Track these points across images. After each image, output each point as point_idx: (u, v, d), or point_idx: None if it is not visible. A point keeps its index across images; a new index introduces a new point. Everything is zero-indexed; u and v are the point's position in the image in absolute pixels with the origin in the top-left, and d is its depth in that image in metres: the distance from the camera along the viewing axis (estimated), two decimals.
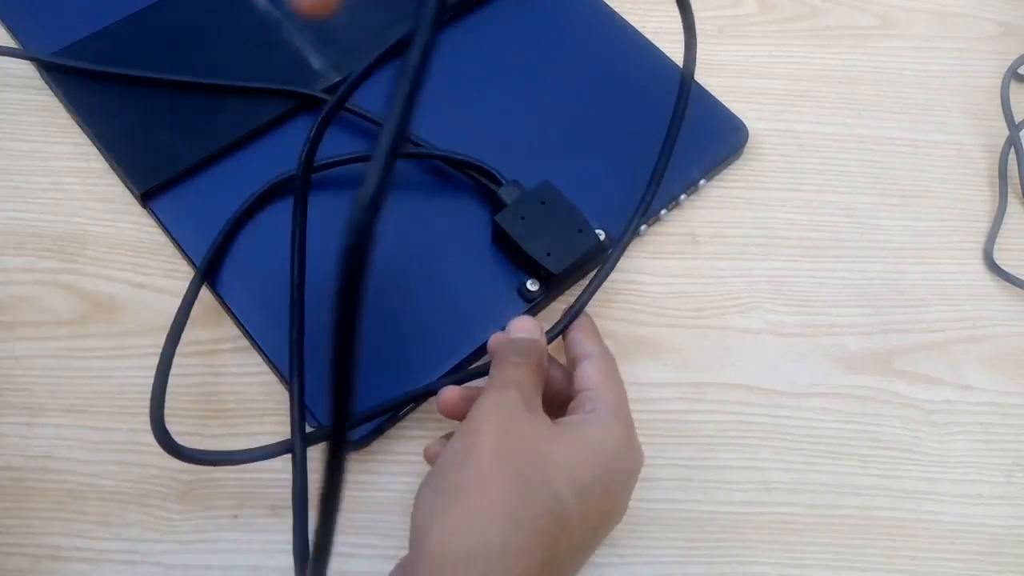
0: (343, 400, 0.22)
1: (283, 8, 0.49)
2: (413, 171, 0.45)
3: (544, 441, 0.32)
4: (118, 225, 0.44)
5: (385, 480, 0.39)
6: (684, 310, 0.44)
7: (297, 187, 0.41)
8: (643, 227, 0.45)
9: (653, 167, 0.44)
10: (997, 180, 0.49)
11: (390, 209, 0.45)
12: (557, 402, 0.37)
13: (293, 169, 0.43)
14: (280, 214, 0.43)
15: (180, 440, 0.36)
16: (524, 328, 0.37)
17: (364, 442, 0.39)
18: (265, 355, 0.40)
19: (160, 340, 0.41)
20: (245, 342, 0.41)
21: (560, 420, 0.35)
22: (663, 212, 0.46)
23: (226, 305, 0.41)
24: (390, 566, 0.37)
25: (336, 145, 0.45)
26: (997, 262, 0.46)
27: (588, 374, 0.36)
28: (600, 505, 0.33)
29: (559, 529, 0.31)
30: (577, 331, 0.39)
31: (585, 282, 0.43)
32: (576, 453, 0.32)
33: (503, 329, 0.38)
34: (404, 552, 0.37)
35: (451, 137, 0.45)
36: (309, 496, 0.36)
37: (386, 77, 0.52)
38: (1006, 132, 0.50)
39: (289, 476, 0.38)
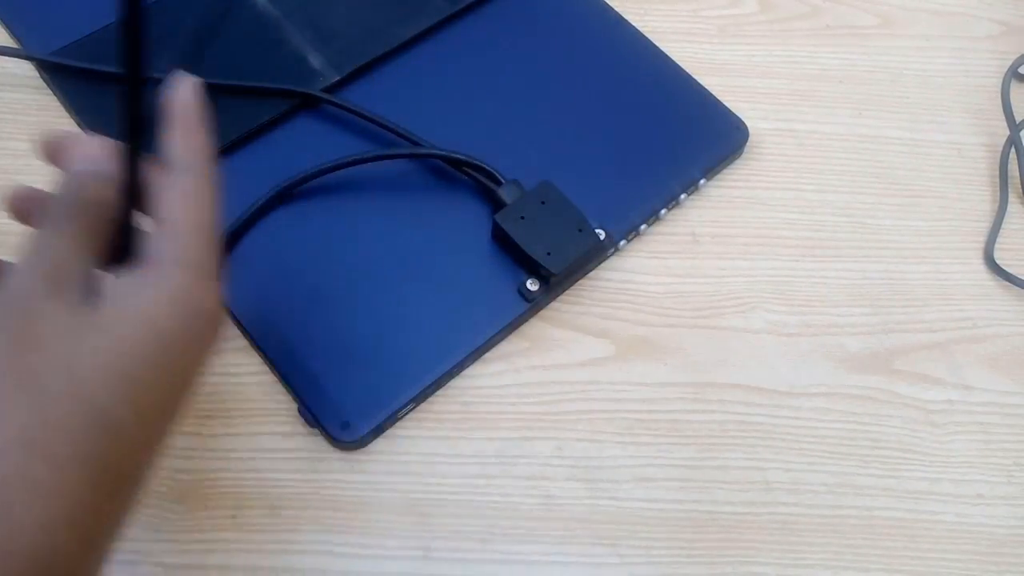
0: None
1: (282, 7, 0.49)
2: (413, 170, 0.45)
3: (70, 336, 0.25)
4: None
5: (384, 480, 0.39)
6: (684, 310, 0.44)
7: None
8: (643, 226, 0.45)
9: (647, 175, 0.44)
10: (997, 180, 0.49)
11: (390, 208, 0.46)
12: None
13: (299, 173, 0.43)
14: (285, 217, 0.43)
15: (179, 439, 0.36)
16: (90, 155, 0.28)
17: (363, 441, 0.39)
18: (265, 355, 0.40)
19: None
20: (244, 342, 0.41)
21: (103, 288, 0.27)
22: (663, 212, 0.46)
23: (226, 305, 0.41)
24: (391, 566, 0.37)
25: (338, 144, 0.45)
26: (998, 262, 0.46)
27: (163, 202, 0.28)
28: (162, 393, 0.27)
29: (110, 441, 0.25)
30: (174, 129, 0.30)
31: None
32: (116, 340, 0.26)
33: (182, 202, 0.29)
34: (404, 551, 0.37)
35: (451, 136, 0.45)
36: None
37: (385, 77, 0.52)
38: (1006, 132, 0.50)
39: (289, 477, 0.38)
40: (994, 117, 0.51)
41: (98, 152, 0.29)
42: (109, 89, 0.46)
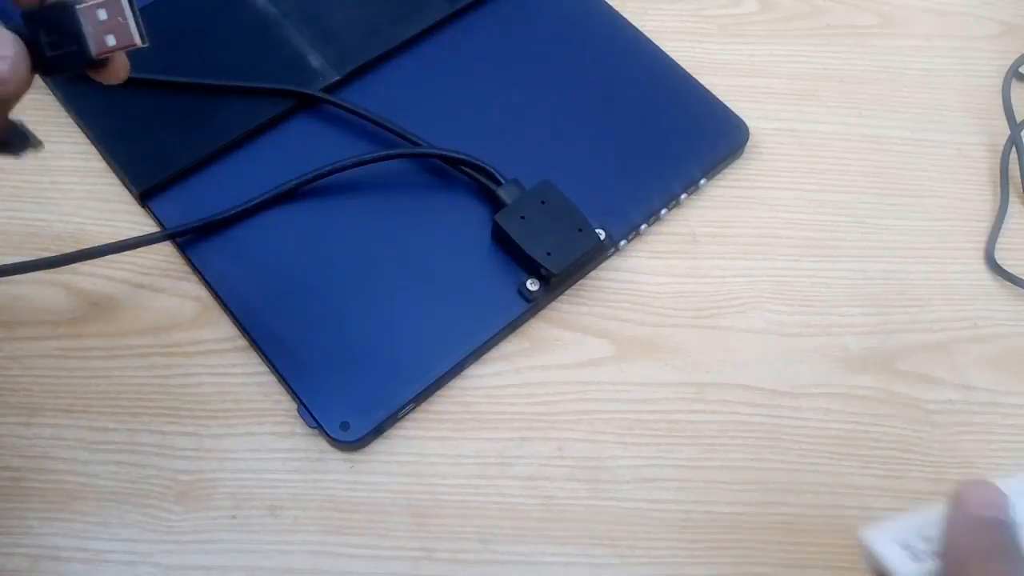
0: None
1: (282, 6, 0.48)
2: (412, 170, 0.45)
3: None
4: (116, 225, 0.44)
5: (384, 480, 0.39)
6: (684, 310, 0.44)
7: None
8: (643, 226, 0.45)
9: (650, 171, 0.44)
10: (998, 179, 0.49)
11: (390, 207, 0.46)
12: None
13: (299, 176, 0.43)
14: (284, 216, 0.43)
15: (178, 439, 0.36)
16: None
17: (363, 442, 0.39)
18: (265, 355, 0.40)
19: (159, 340, 0.41)
20: (244, 342, 0.41)
21: None
22: (663, 212, 0.45)
23: (226, 305, 0.41)
24: (391, 566, 0.37)
25: (337, 144, 0.45)
26: (998, 262, 0.46)
27: None
28: None
29: None
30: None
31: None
32: None
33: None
34: (404, 552, 0.37)
35: (450, 136, 0.45)
36: None
37: (385, 76, 0.52)
38: (1007, 131, 0.50)
39: (288, 477, 0.38)
40: (995, 117, 0.51)
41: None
42: (107, 89, 0.46)
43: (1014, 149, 0.49)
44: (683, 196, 0.46)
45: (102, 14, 0.29)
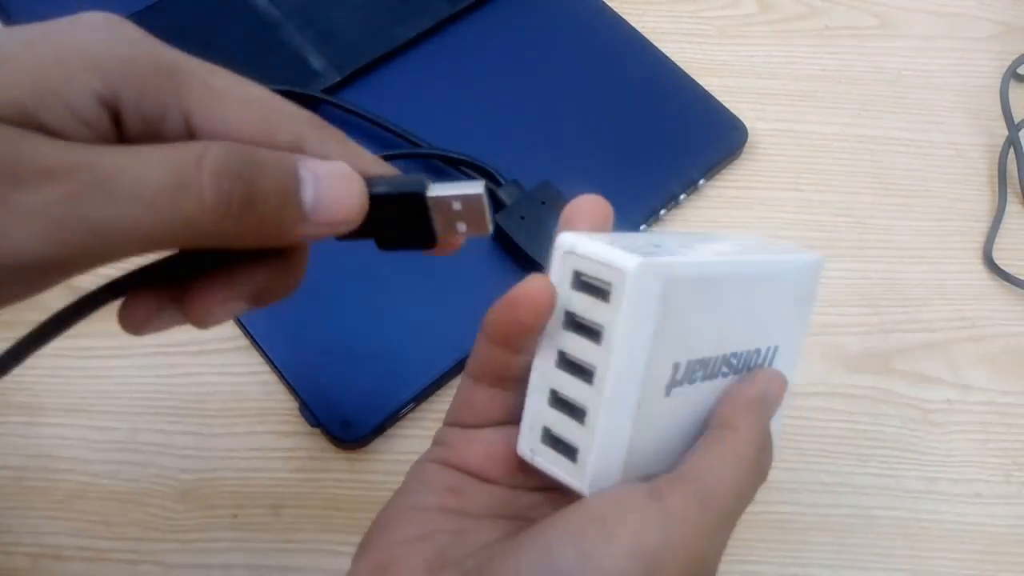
0: None
1: (283, 8, 0.49)
2: (412, 170, 0.45)
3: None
4: None
5: (385, 479, 0.39)
6: None
7: None
8: (643, 226, 0.45)
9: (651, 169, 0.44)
10: (996, 180, 0.49)
11: None
12: None
13: None
14: None
15: (180, 438, 0.36)
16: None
17: (364, 441, 0.39)
18: (265, 355, 0.40)
19: (160, 339, 0.41)
20: (245, 342, 0.41)
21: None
22: (662, 212, 0.46)
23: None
24: None
25: None
26: (996, 262, 0.46)
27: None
28: None
29: None
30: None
31: None
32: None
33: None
34: None
35: (450, 136, 0.45)
36: None
37: (386, 77, 0.52)
38: (1005, 132, 0.50)
39: (289, 476, 0.38)
40: (993, 117, 0.51)
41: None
42: None
43: (1012, 149, 0.50)
44: (682, 196, 0.46)
45: (457, 205, 0.27)
